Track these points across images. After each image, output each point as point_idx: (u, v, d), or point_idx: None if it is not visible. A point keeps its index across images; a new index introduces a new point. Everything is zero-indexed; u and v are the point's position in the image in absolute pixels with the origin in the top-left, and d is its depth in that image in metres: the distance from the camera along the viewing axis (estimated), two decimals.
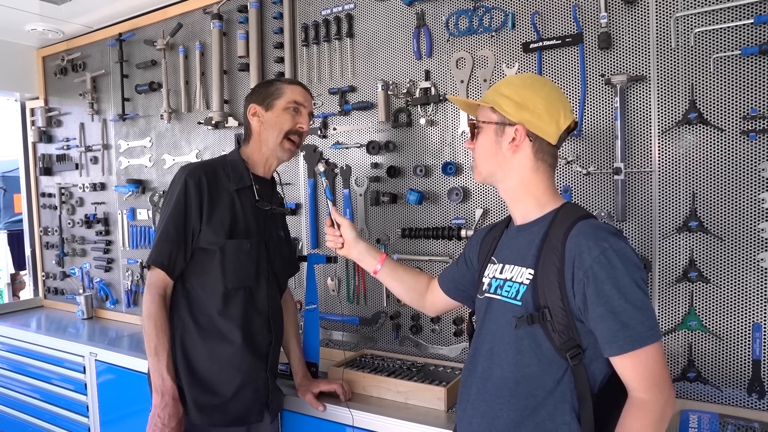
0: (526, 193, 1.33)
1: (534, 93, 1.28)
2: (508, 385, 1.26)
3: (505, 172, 1.33)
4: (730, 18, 1.69)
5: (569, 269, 1.18)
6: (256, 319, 1.85)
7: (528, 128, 1.27)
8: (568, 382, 1.20)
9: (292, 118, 1.83)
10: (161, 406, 1.71)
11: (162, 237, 1.75)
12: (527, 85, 1.31)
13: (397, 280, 1.71)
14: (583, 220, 1.22)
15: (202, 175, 1.78)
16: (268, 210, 1.89)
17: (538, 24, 1.99)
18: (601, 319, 1.15)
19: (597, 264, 1.15)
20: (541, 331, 1.22)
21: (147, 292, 1.76)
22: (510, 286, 1.29)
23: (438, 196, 2.24)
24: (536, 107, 1.26)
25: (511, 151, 1.30)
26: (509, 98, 1.28)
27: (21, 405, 3.21)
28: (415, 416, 1.81)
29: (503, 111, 1.28)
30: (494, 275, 1.36)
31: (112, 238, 3.42)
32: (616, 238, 1.18)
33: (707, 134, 1.74)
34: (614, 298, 1.13)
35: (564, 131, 1.30)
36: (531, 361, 1.23)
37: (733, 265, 1.71)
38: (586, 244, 1.17)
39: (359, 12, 2.40)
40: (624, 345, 1.13)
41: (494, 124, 1.31)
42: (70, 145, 3.60)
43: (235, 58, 2.78)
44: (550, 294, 1.20)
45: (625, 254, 1.16)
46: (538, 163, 1.30)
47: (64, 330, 3.21)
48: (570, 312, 1.19)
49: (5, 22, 3.26)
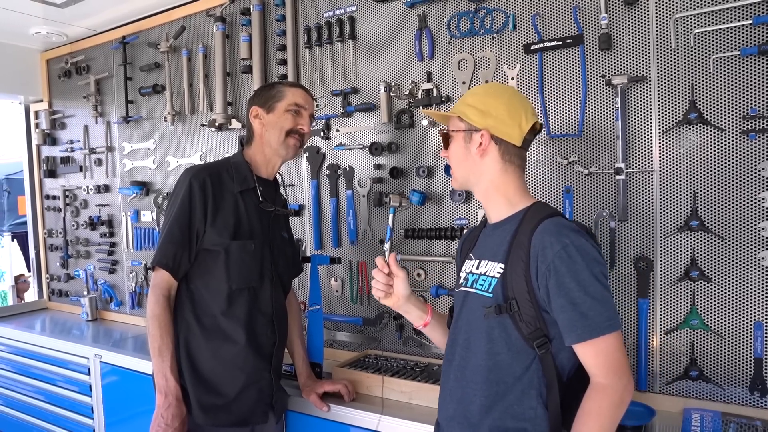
0: (497, 194, 1.41)
1: (496, 100, 1.38)
2: (482, 372, 1.34)
3: (476, 175, 1.42)
4: (730, 19, 1.70)
5: (534, 263, 1.27)
6: (259, 319, 1.86)
7: (492, 133, 1.37)
8: (536, 370, 1.29)
9: (293, 119, 1.86)
10: (165, 407, 1.72)
11: (167, 238, 1.76)
12: (489, 93, 1.42)
13: (442, 332, 1.63)
14: (549, 218, 1.31)
15: (206, 177, 1.79)
16: (271, 211, 1.91)
17: (539, 25, 2.01)
18: (562, 309, 1.24)
19: (558, 258, 1.24)
20: (509, 322, 1.31)
21: (151, 293, 1.77)
22: (484, 279, 1.38)
23: (440, 197, 2.25)
24: (498, 113, 1.36)
25: (479, 155, 1.39)
26: (474, 107, 1.39)
27: (26, 407, 3.23)
28: (418, 416, 1.82)
29: (469, 119, 1.39)
30: (471, 270, 1.45)
31: (116, 240, 3.44)
32: (577, 235, 1.26)
33: (707, 134, 1.75)
34: (573, 291, 1.22)
35: (528, 133, 1.38)
36: (501, 350, 1.32)
37: (735, 264, 1.72)
38: (549, 240, 1.26)
39: (361, 14, 2.42)
40: (582, 334, 1.22)
41: (462, 132, 1.41)
42: (74, 147, 3.62)
43: (238, 60, 2.80)
44: (518, 287, 1.29)
45: (585, 249, 1.25)
46: (506, 165, 1.39)
47: (68, 332, 3.23)
48: (536, 303, 1.28)
49: (10, 25, 3.28)
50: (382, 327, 2.41)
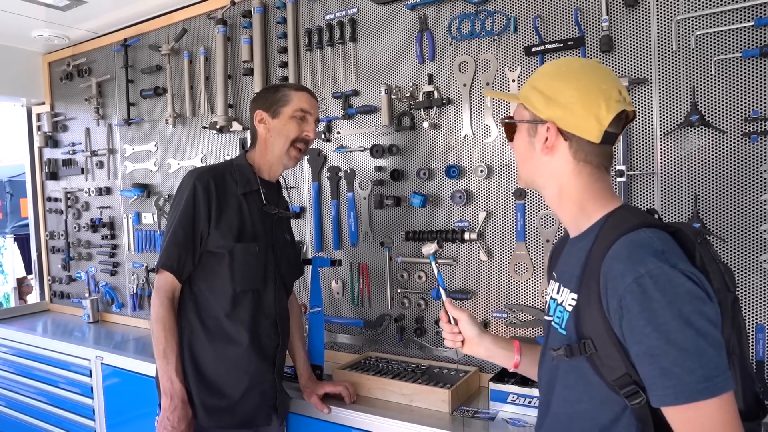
0: (568, 201, 1.13)
1: (566, 83, 1.07)
2: (561, 422, 1.12)
3: (543, 177, 1.15)
4: (731, 21, 1.69)
5: (604, 296, 0.98)
6: (263, 321, 1.86)
7: (560, 126, 1.08)
8: (628, 424, 0.99)
9: (298, 126, 1.84)
10: (170, 409, 1.71)
11: (171, 241, 1.76)
12: (560, 73, 1.11)
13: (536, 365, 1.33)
14: (627, 233, 0.99)
15: (210, 180, 1.79)
16: (274, 213, 1.91)
17: (540, 27, 2.01)
18: (639, 360, 0.94)
19: (630, 294, 0.93)
20: (587, 365, 1.03)
21: (155, 295, 1.77)
22: (561, 311, 1.11)
23: (441, 199, 2.25)
24: (568, 100, 1.06)
25: (545, 153, 1.11)
26: (539, 90, 1.10)
27: (27, 408, 3.23)
28: (419, 418, 1.82)
29: (532, 107, 1.11)
30: (552, 295, 1.19)
31: (118, 242, 3.44)
32: (658, 261, 0.92)
33: (709, 136, 1.74)
34: (650, 337, 0.90)
35: (612, 125, 1.05)
36: (581, 398, 1.06)
37: (736, 267, 1.72)
38: (619, 268, 0.95)
39: (362, 16, 2.42)
40: (664, 397, 0.91)
41: (526, 123, 1.14)
42: (76, 149, 3.63)
43: (239, 62, 2.80)
44: (593, 323, 1.01)
45: (669, 281, 0.91)
46: (580, 165, 1.09)
47: (70, 333, 3.24)
48: (620, 344, 0.97)
49: (12, 28, 3.29)
50: (382, 329, 2.41)
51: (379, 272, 2.41)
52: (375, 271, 2.43)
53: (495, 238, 2.14)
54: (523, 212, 2.06)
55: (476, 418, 1.82)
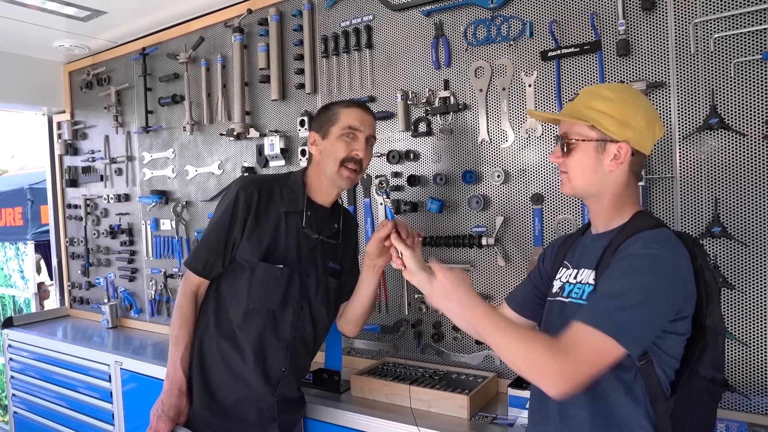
0: (615, 207, 1.33)
1: (635, 109, 1.28)
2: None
3: (601, 187, 1.32)
4: (750, 23, 1.68)
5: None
6: (273, 343, 1.81)
7: (632, 145, 1.27)
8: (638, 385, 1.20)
9: (346, 146, 1.74)
10: (167, 394, 1.77)
11: (203, 243, 1.80)
12: (625, 100, 1.29)
13: None
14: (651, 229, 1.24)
15: (254, 191, 1.78)
16: (315, 239, 1.84)
17: (556, 32, 2.00)
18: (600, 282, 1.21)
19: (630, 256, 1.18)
20: None
21: (181, 285, 1.83)
22: (579, 287, 1.32)
23: (458, 205, 2.25)
24: (638, 124, 1.27)
25: (612, 168, 1.29)
26: (609, 115, 1.27)
27: (48, 412, 3.28)
28: (437, 424, 1.82)
29: (605, 129, 1.27)
30: (568, 279, 1.38)
31: (136, 248, 3.48)
32: (665, 248, 1.17)
33: (729, 139, 1.73)
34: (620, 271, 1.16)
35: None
36: None
37: (759, 271, 1.70)
38: (633, 243, 1.20)
39: (378, 23, 2.43)
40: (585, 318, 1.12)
41: (594, 142, 1.29)
42: (95, 157, 3.69)
43: (255, 70, 2.83)
44: None
45: (663, 259, 1.15)
46: (630, 177, 1.31)
47: (89, 339, 3.28)
48: None
49: (34, 39, 3.36)
50: (400, 335, 2.40)
51: (396, 278, 2.41)
52: (392, 276, 2.43)
53: (512, 243, 2.13)
54: (541, 217, 2.05)
55: (495, 424, 1.82)
